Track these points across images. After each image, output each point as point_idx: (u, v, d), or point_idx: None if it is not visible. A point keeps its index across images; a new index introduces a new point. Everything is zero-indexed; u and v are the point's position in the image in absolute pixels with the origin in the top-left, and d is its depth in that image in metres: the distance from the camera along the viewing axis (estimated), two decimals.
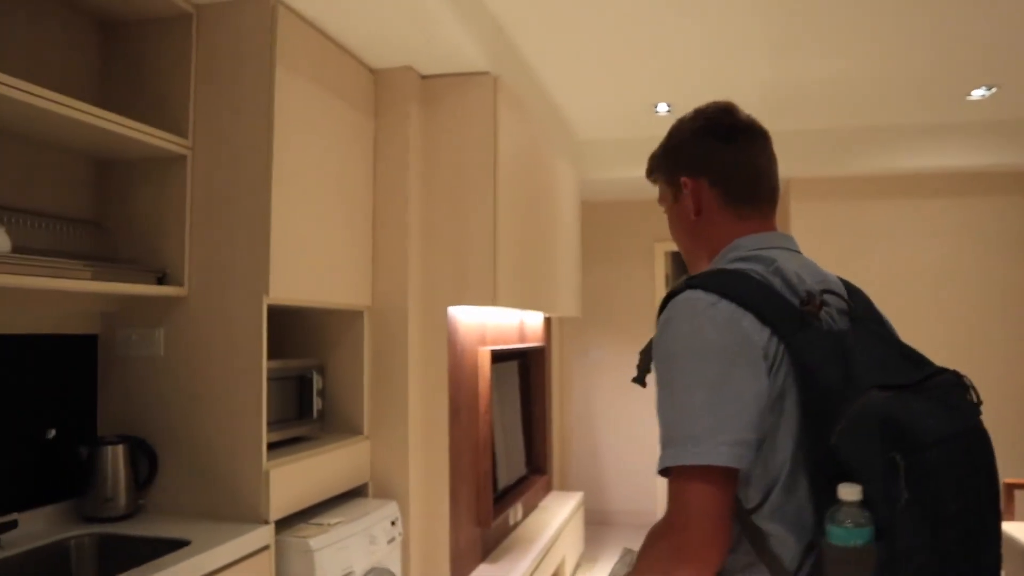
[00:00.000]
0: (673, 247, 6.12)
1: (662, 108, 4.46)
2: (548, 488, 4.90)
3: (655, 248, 6.15)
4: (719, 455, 1.01)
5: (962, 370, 1.08)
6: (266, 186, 2.22)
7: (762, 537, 1.06)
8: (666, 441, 1.06)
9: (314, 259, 2.48)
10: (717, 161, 1.25)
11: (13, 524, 1.88)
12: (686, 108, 4.56)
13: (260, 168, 2.23)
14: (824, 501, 0.95)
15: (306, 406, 2.61)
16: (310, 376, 2.63)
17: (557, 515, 4.34)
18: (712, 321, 1.07)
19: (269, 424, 2.26)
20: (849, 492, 0.93)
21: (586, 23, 3.25)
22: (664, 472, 1.06)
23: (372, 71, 2.91)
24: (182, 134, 2.24)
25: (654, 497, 6.06)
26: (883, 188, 5.11)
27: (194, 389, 2.23)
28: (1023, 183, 4.96)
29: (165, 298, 2.25)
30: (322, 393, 2.70)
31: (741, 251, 1.20)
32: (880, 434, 0.93)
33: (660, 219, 6.13)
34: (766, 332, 1.05)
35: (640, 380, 1.20)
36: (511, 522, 3.89)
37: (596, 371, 6.18)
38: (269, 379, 2.28)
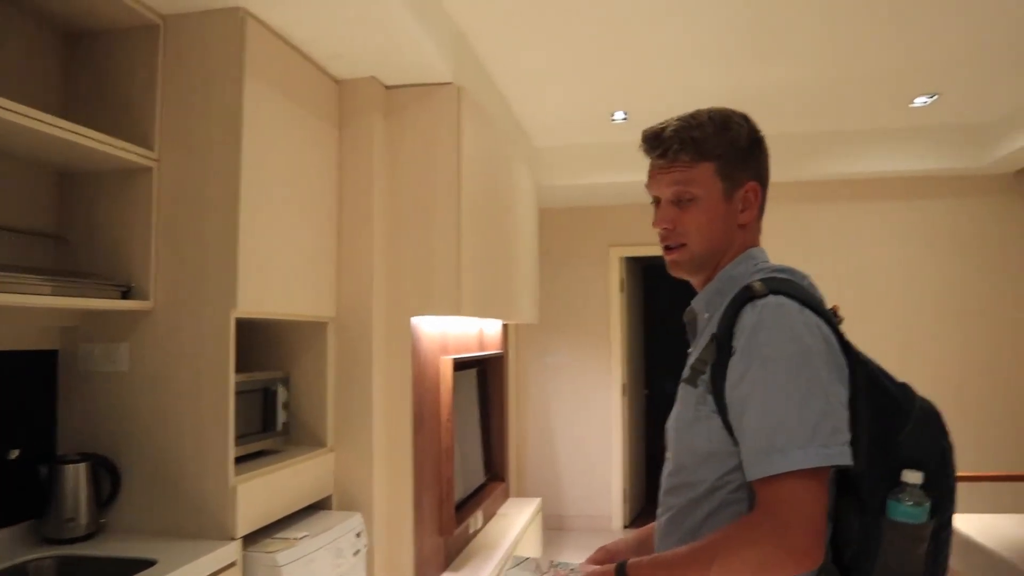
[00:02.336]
0: (629, 252, 6.21)
1: (619, 116, 4.53)
2: (506, 495, 4.92)
3: (610, 253, 6.22)
4: (844, 455, 1.07)
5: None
6: (234, 198, 2.20)
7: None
8: (782, 443, 1.07)
9: (281, 271, 2.46)
10: (767, 174, 1.32)
11: None
12: (643, 116, 4.67)
13: (229, 180, 2.20)
14: (884, 488, 1.10)
15: (270, 419, 2.58)
16: (275, 388, 2.60)
17: (516, 521, 4.37)
18: (807, 327, 1.13)
19: (235, 439, 2.24)
20: (914, 476, 1.09)
21: (546, 32, 3.29)
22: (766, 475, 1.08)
23: (336, 81, 2.90)
24: (148, 146, 2.20)
25: (609, 501, 6.13)
26: (834, 192, 5.27)
27: (159, 404, 2.20)
28: (963, 186, 5.18)
29: (130, 312, 2.20)
30: (286, 405, 2.68)
31: (761, 261, 1.28)
32: (934, 428, 1.15)
33: (615, 224, 6.25)
34: (836, 340, 1.14)
35: (694, 382, 1.21)
36: (471, 530, 3.90)
37: (552, 376, 6.23)
38: (235, 393, 2.25)
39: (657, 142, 1.29)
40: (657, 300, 9.89)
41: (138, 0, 2.15)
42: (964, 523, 3.54)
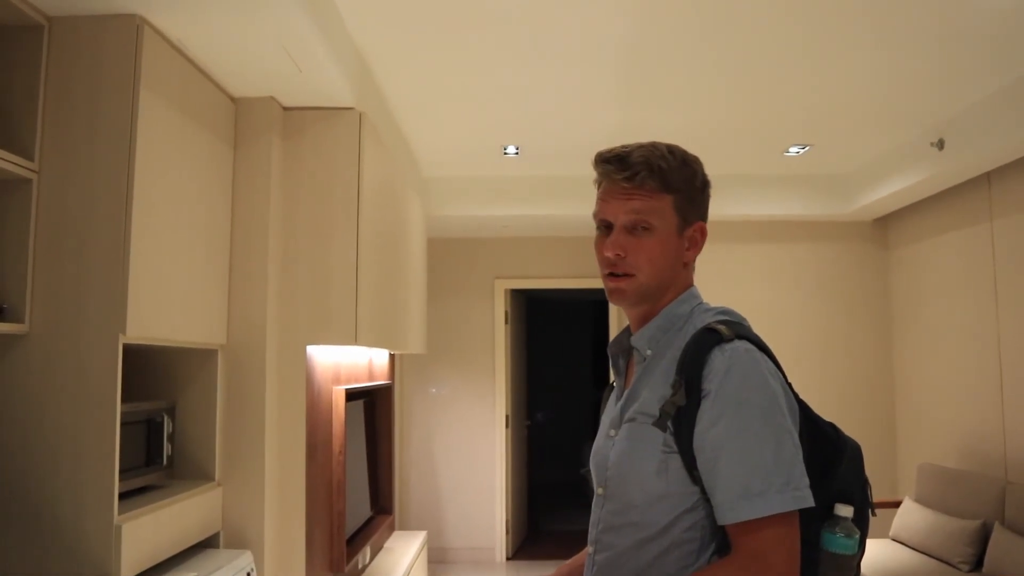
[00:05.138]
0: (514, 284, 6.27)
1: (511, 150, 4.60)
2: (392, 528, 4.80)
3: (495, 285, 6.27)
4: (809, 498, 1.12)
5: None
6: (125, 215, 2.06)
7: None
8: (761, 487, 1.10)
9: (172, 295, 2.32)
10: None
11: None
12: (535, 151, 4.78)
13: (119, 196, 2.06)
14: (818, 521, 1.17)
15: (155, 452, 2.41)
16: (160, 419, 2.44)
17: (403, 556, 4.27)
18: (771, 373, 1.18)
19: (119, 474, 2.07)
20: (846, 510, 1.17)
21: (444, 63, 3.32)
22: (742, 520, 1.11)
23: (233, 100, 2.79)
24: (27, 155, 2.03)
25: (493, 533, 6.10)
26: (709, 233, 5.52)
27: (34, 437, 2.00)
28: (827, 231, 5.56)
29: (2, 336, 2.01)
30: (172, 438, 2.51)
31: (703, 301, 1.34)
32: (858, 465, 1.26)
33: (502, 256, 6.31)
34: (785, 383, 1.22)
35: (662, 425, 1.20)
36: (360, 565, 3.78)
37: (437, 407, 6.18)
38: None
39: (623, 165, 1.26)
40: (539, 332, 10.01)
41: None
42: None
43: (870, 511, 1.25)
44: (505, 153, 4.66)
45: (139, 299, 2.10)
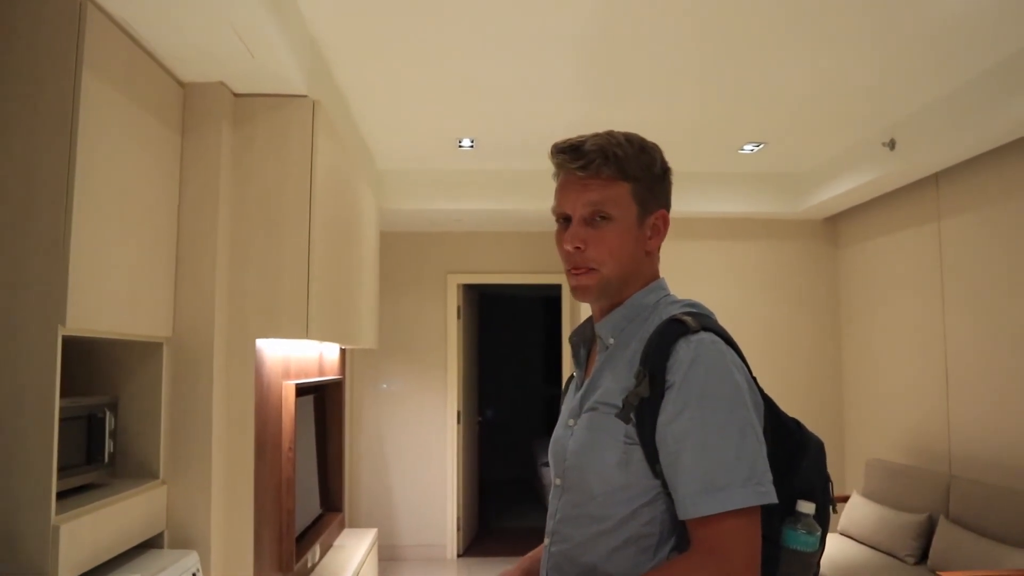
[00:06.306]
0: (467, 279, 6.22)
1: (466, 143, 4.55)
2: (342, 526, 4.72)
3: (448, 280, 6.22)
4: (772, 494, 1.09)
5: None
6: (66, 200, 1.96)
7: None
8: (723, 482, 1.07)
9: (116, 284, 2.23)
10: (670, 206, 1.33)
11: None
12: (490, 144, 4.74)
13: (59, 180, 1.96)
14: (778, 518, 1.16)
15: (96, 449, 2.31)
16: (102, 415, 2.34)
17: (354, 554, 4.20)
18: (736, 366, 1.16)
19: (57, 472, 1.98)
20: (808, 507, 1.16)
21: (400, 53, 3.26)
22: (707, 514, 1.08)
23: (182, 85, 2.70)
24: None
25: (444, 530, 6.06)
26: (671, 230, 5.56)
27: None
28: (779, 229, 5.64)
29: None
30: (114, 434, 2.42)
31: (669, 293, 1.31)
32: (820, 462, 1.24)
33: (454, 251, 6.26)
34: (750, 377, 1.20)
35: (625, 416, 1.17)
36: (309, 564, 3.70)
37: (387, 403, 6.11)
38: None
39: (578, 154, 1.23)
40: (492, 327, 9.99)
41: None
42: None
43: (831, 508, 1.24)
44: (460, 146, 4.62)
45: (80, 289, 2.00)
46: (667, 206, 1.31)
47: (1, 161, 1.96)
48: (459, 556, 6.11)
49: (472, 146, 4.61)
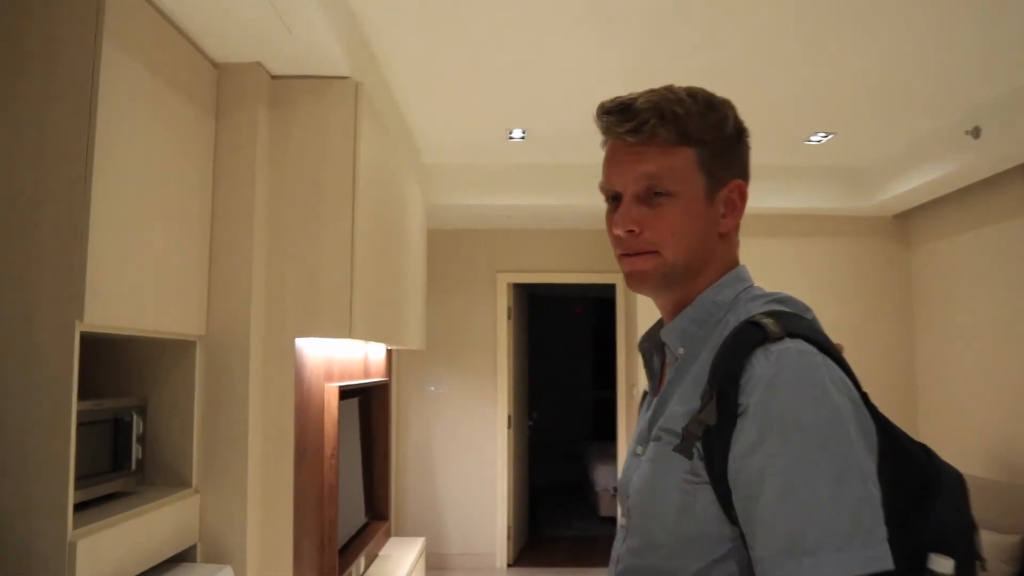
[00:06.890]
0: (517, 279, 6.01)
1: (517, 134, 4.33)
2: (388, 535, 4.54)
3: (498, 279, 6.01)
4: (886, 558, 0.80)
5: None
6: (85, 185, 1.79)
7: None
8: (813, 542, 0.79)
9: (140, 279, 2.05)
10: (749, 175, 1.07)
11: None
12: (542, 136, 4.45)
13: (77, 162, 1.79)
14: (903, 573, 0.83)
15: (122, 455, 2.14)
16: (128, 419, 2.17)
17: (401, 564, 4.01)
18: (836, 383, 0.87)
19: (76, 481, 1.81)
20: (944, 564, 0.87)
21: (447, 35, 3.06)
22: None
23: (215, 65, 2.53)
24: None
25: (494, 538, 5.85)
26: None
27: None
28: (846, 226, 5.31)
29: None
30: (142, 439, 2.24)
31: (752, 285, 1.04)
32: (961, 502, 0.93)
33: (504, 249, 6.04)
34: (859, 395, 0.90)
35: (686, 450, 0.91)
36: (355, 575, 3.51)
37: (435, 406, 5.92)
38: (78, 424, 1.82)
39: (628, 114, 1.00)
40: (540, 328, 9.78)
41: None
42: None
43: (978, 563, 0.93)
44: (511, 137, 4.40)
45: (99, 282, 1.83)
46: (744, 176, 1.06)
47: (11, 140, 1.79)
48: (509, 566, 5.89)
49: (523, 138, 4.38)
